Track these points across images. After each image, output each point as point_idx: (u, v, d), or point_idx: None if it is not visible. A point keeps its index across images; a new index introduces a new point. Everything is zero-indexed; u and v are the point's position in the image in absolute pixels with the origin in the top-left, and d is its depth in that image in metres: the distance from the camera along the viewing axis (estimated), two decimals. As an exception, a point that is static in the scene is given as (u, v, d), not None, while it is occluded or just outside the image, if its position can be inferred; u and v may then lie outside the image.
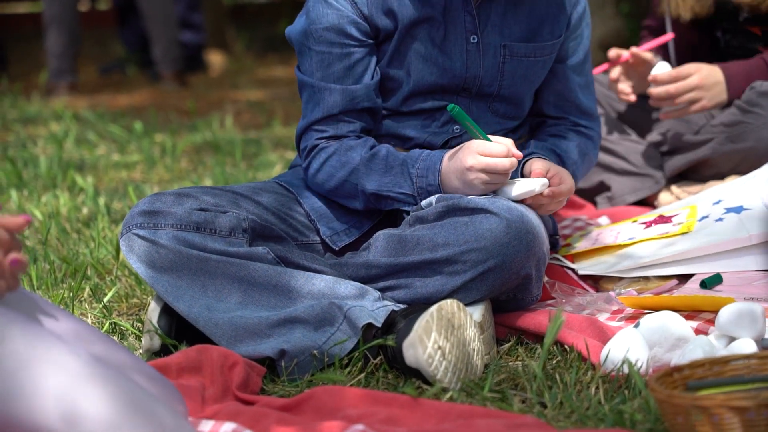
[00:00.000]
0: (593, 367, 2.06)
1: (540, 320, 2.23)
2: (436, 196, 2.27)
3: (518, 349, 2.23)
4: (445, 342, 2.02)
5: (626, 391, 1.94)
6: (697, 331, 2.19)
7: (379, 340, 2.10)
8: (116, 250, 2.92)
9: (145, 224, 2.23)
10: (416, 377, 2.04)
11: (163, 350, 2.23)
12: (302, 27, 2.40)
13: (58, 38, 6.42)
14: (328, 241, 2.40)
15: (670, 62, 3.19)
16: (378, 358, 2.14)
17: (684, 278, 2.50)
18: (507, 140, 2.28)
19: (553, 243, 2.61)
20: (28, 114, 5.77)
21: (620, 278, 2.54)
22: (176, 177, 4.15)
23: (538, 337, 2.25)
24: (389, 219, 2.42)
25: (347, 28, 2.36)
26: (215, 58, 7.51)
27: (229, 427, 1.78)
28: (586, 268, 2.58)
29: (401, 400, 1.90)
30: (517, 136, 2.53)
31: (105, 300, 2.59)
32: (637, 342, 2.03)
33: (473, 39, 2.39)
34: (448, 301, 2.06)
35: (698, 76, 2.97)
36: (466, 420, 1.81)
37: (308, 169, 2.44)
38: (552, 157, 2.44)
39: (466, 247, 2.17)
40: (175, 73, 6.63)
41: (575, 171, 2.49)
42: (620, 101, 3.20)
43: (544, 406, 1.93)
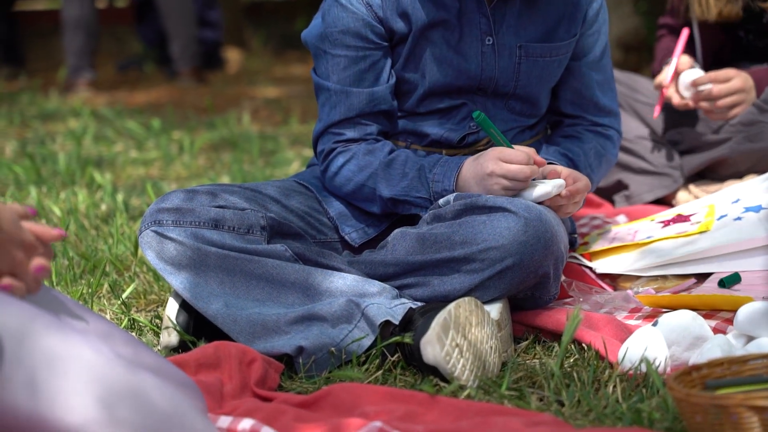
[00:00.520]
0: (611, 365, 2.06)
1: (558, 318, 2.23)
2: (454, 194, 2.27)
3: (536, 348, 2.23)
4: (463, 340, 2.02)
5: (644, 390, 1.94)
6: (716, 330, 2.19)
7: (397, 338, 2.10)
8: (134, 246, 2.93)
9: (164, 221, 2.24)
10: (434, 375, 2.04)
11: (181, 346, 2.24)
12: (318, 31, 2.40)
13: (76, 35, 6.44)
14: (347, 238, 2.41)
15: (697, 60, 3.18)
16: (395, 356, 2.15)
17: (702, 277, 2.49)
18: (529, 149, 2.28)
19: (572, 241, 2.60)
20: (47, 110, 5.79)
21: (638, 277, 2.53)
22: (194, 174, 4.16)
23: (555, 336, 2.24)
24: (407, 217, 2.42)
25: (363, 31, 2.36)
26: (232, 55, 7.52)
27: (247, 424, 1.79)
28: (604, 267, 2.57)
29: (419, 398, 1.90)
30: (534, 133, 2.53)
31: (123, 296, 2.60)
32: (655, 341, 2.03)
33: (488, 41, 2.39)
34: (466, 299, 2.05)
35: (740, 80, 2.96)
36: (484, 418, 1.81)
37: (326, 172, 2.44)
38: (563, 162, 2.44)
39: (485, 246, 2.17)
40: (192, 69, 6.65)
41: (590, 174, 2.48)
42: (675, 106, 3.15)
43: (561, 404, 1.93)
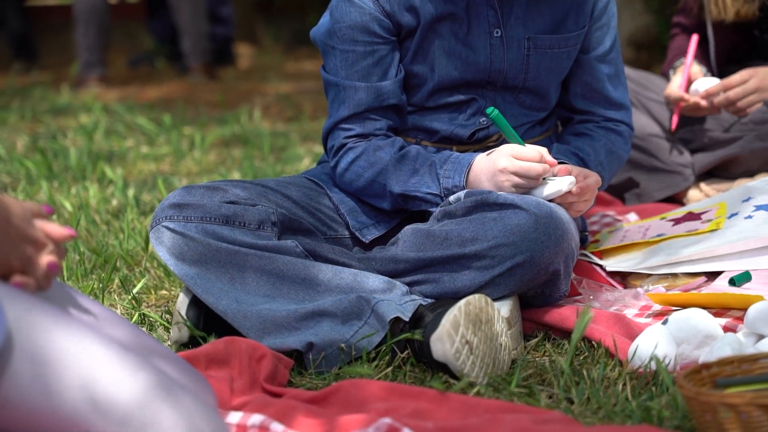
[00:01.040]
0: (621, 363, 2.06)
1: (567, 316, 2.23)
2: (465, 191, 2.27)
3: (545, 345, 2.23)
4: (473, 337, 2.02)
5: (654, 388, 1.94)
6: (726, 329, 2.18)
7: (407, 334, 2.11)
8: (145, 241, 2.94)
9: (175, 217, 2.24)
10: (443, 372, 2.04)
11: (192, 342, 2.24)
12: (326, 27, 2.40)
13: (87, 31, 6.45)
14: (357, 234, 2.41)
15: (709, 63, 3.18)
16: (405, 352, 2.15)
17: (712, 275, 2.49)
18: (541, 148, 2.28)
19: (582, 239, 2.60)
20: (58, 105, 5.80)
21: (648, 275, 2.53)
22: (205, 170, 4.17)
23: (565, 333, 2.24)
24: (418, 213, 2.42)
25: (371, 25, 2.37)
26: (244, 51, 7.52)
27: (256, 419, 1.79)
28: (614, 265, 2.57)
29: (428, 394, 1.90)
30: (545, 129, 2.53)
31: (134, 291, 2.61)
32: (665, 338, 2.03)
33: (497, 33, 2.39)
34: (476, 296, 2.06)
35: (756, 79, 2.96)
36: (493, 415, 1.81)
37: (336, 168, 2.44)
38: (574, 161, 2.44)
39: (495, 243, 2.17)
40: (204, 65, 6.65)
41: (600, 172, 2.48)
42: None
43: (571, 401, 1.93)
